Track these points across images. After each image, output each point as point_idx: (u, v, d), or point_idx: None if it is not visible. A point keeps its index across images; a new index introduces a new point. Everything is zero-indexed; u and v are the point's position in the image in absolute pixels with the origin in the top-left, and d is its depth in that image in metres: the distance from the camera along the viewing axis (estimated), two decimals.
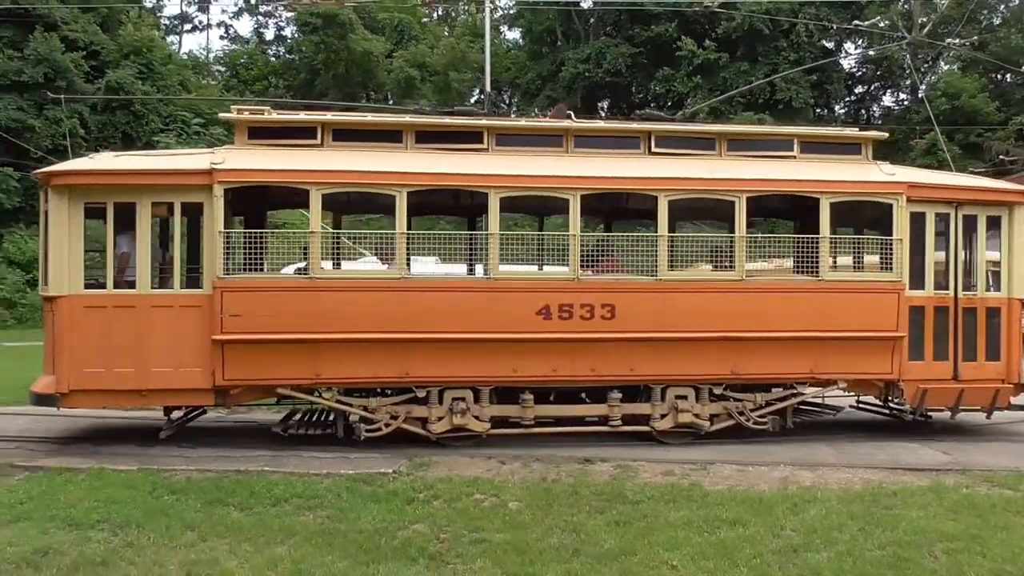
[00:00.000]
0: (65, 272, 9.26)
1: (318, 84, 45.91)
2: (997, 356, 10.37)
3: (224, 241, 9.20)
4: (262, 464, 8.49)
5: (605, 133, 10.52)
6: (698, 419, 9.85)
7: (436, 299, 9.50)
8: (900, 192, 10.08)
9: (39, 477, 8.05)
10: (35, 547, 6.00)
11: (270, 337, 9.22)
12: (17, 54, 35.59)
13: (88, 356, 9.22)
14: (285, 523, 6.62)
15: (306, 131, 9.85)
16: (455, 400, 9.60)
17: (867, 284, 10.11)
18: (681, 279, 9.83)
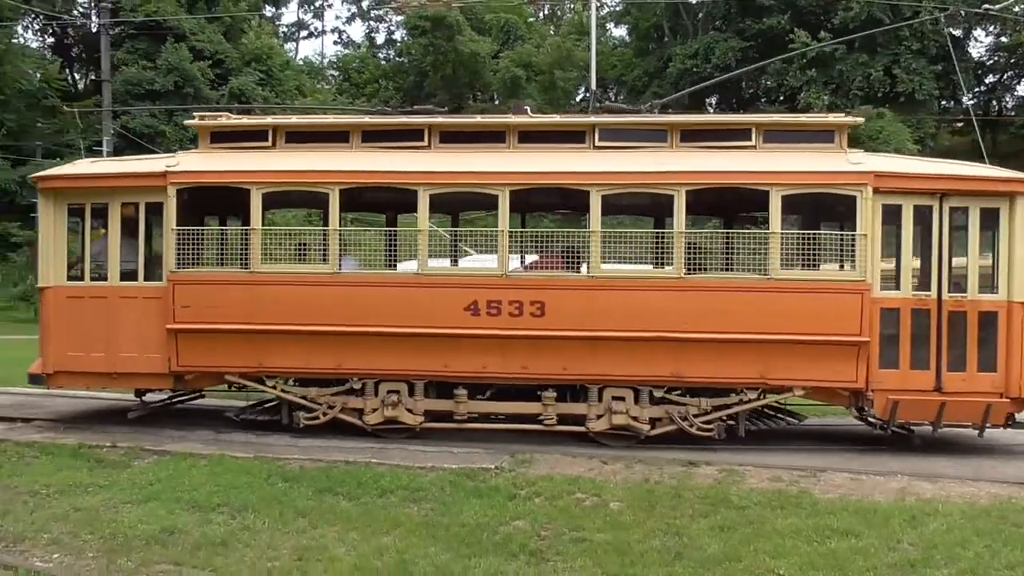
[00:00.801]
0: (51, 266, 10.25)
1: (426, 86, 46.86)
2: (993, 366, 9.07)
3: (176, 237, 9.82)
4: (369, 456, 8.75)
5: (549, 128, 10.16)
6: (636, 422, 9.41)
7: (367, 293, 9.65)
8: (864, 183, 9.13)
9: (166, 461, 8.56)
10: (163, 526, 6.40)
11: (216, 327, 9.73)
12: (150, 64, 37.91)
13: (70, 341, 10.12)
14: (391, 514, 6.80)
15: (259, 134, 10.29)
16: (389, 393, 9.70)
17: (825, 284, 9.24)
18: (614, 276, 9.48)
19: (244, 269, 9.82)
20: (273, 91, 41.61)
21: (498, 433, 9.66)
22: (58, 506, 6.96)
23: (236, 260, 9.90)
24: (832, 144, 9.61)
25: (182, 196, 9.94)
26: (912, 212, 9.27)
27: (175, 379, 10.13)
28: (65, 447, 8.99)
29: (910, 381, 9.12)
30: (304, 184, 10.01)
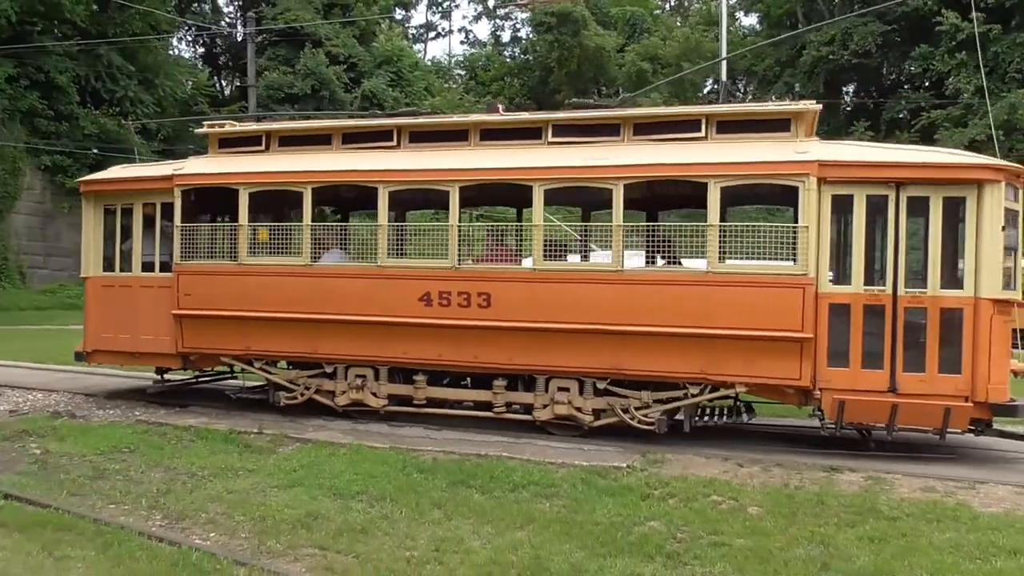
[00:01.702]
0: (91, 258, 11.83)
1: (551, 82, 46.92)
2: (957, 368, 8.33)
3: (180, 233, 10.90)
4: (500, 450, 8.81)
5: (507, 126, 10.27)
6: (579, 412, 9.47)
7: (336, 284, 10.31)
8: (806, 173, 8.63)
9: (308, 449, 8.93)
10: (307, 511, 6.66)
11: (212, 313, 10.82)
12: (289, 69, 39.77)
13: (104, 324, 11.63)
14: (523, 509, 6.81)
15: (254, 139, 11.20)
16: (357, 377, 10.33)
17: (764, 278, 8.82)
18: (556, 269, 9.54)
19: (233, 261, 10.77)
20: (403, 92, 42.78)
21: (456, 419, 10.04)
22: (212, 488, 7.37)
23: (227, 253, 10.92)
24: (787, 133, 9.19)
25: (187, 196, 11.07)
26: (865, 202, 8.71)
27: (183, 359, 11.30)
28: (218, 432, 9.54)
29: (861, 381, 8.57)
30: (282, 184, 10.72)
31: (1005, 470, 8.45)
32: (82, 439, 9.18)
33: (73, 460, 8.38)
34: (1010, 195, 8.58)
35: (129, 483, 7.56)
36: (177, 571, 5.31)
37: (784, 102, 9.82)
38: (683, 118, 9.69)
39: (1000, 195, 8.39)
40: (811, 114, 9.31)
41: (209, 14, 47.41)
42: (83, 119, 31.66)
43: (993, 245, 8.36)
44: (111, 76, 33.98)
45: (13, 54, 29.49)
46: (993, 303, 8.33)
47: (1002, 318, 8.42)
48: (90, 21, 32.12)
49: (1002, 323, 8.41)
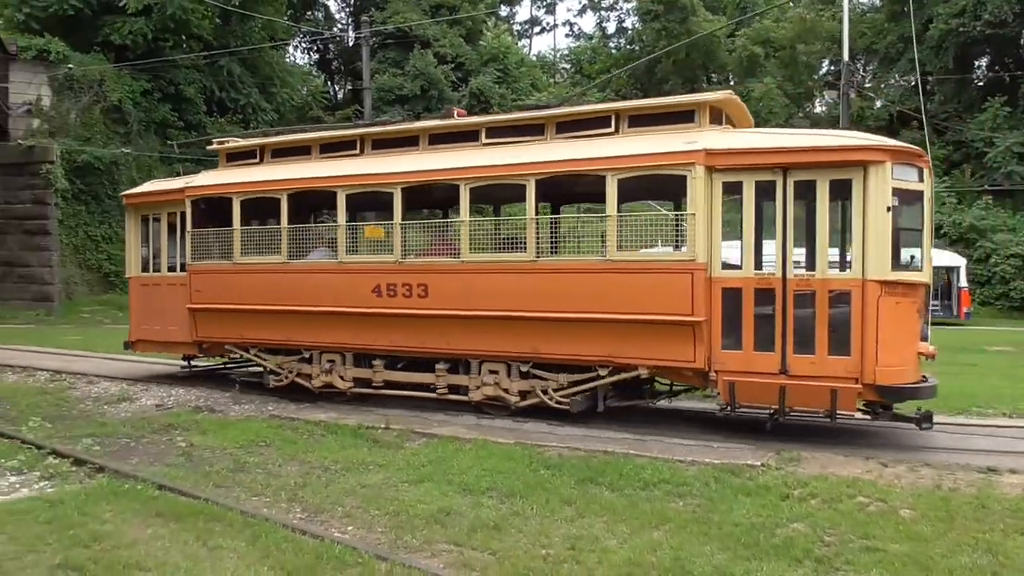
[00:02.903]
0: (132, 261, 13.95)
1: (658, 71, 46.10)
2: (846, 350, 8.35)
3: (191, 238, 12.53)
4: (627, 447, 8.65)
5: (450, 130, 11.01)
6: (506, 393, 10.23)
7: (306, 279, 11.47)
8: (692, 162, 8.91)
9: (434, 444, 9.02)
10: (439, 507, 6.70)
11: (215, 307, 12.33)
12: (399, 71, 40.65)
13: (142, 317, 13.61)
14: (657, 508, 6.64)
15: (251, 153, 12.60)
16: (328, 361, 11.52)
17: (655, 264, 9.30)
18: (480, 260, 10.16)
19: (229, 261, 12.15)
20: (509, 88, 43.00)
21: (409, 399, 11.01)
22: (346, 482, 7.54)
23: (227, 254, 12.21)
24: (692, 124, 9.48)
25: (196, 205, 12.62)
26: (753, 188, 8.85)
27: (198, 347, 12.98)
28: (347, 427, 9.79)
29: (754, 363, 8.77)
30: (265, 192, 11.93)
31: None
32: (222, 433, 9.60)
33: (216, 453, 8.77)
34: (909, 175, 8.60)
35: (268, 476, 7.83)
36: (322, 564, 5.43)
37: (690, 95, 10.18)
38: (597, 115, 10.11)
39: (886, 176, 8.36)
40: (717, 103, 9.62)
41: (322, 21, 49.01)
42: (209, 127, 33.32)
43: (879, 226, 8.34)
44: (233, 86, 35.69)
45: (147, 69, 31.38)
46: (881, 284, 8.32)
47: (893, 300, 8.38)
48: (214, 34, 33.78)
49: (893, 304, 8.37)
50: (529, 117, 10.60)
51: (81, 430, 9.81)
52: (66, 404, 11.79)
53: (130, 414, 11.02)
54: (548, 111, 10.57)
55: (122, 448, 9.12)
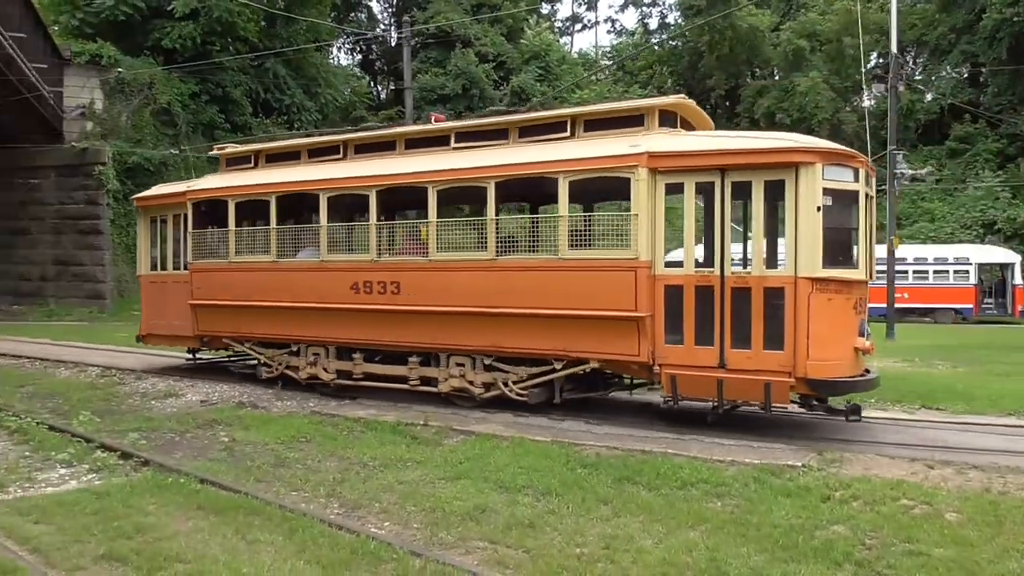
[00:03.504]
0: (143, 260, 14.82)
1: (701, 67, 45.61)
2: (780, 344, 8.61)
3: (192, 238, 13.33)
4: (664, 446, 8.56)
5: (424, 135, 11.57)
6: (471, 385, 10.67)
7: (292, 276, 12.10)
8: (635, 164, 9.27)
9: (472, 441, 9.03)
10: (475, 504, 6.70)
11: (214, 303, 13.02)
12: (441, 71, 40.85)
13: (152, 312, 14.50)
14: (694, 508, 6.56)
15: (247, 158, 13.37)
16: (313, 354, 12.12)
17: (602, 262, 9.57)
18: (446, 259, 10.64)
19: (224, 260, 12.85)
20: (551, 86, 42.90)
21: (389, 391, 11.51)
22: (384, 478, 7.59)
23: (223, 254, 12.94)
24: (640, 128, 9.84)
25: (197, 208, 13.40)
26: (694, 189, 9.17)
27: (200, 341, 13.79)
28: (386, 424, 9.86)
29: (695, 357, 9.08)
30: (256, 195, 12.60)
31: None
32: (264, 428, 9.75)
33: (257, 448, 8.91)
34: (844, 175, 8.83)
35: (308, 472, 7.92)
36: (357, 559, 5.47)
37: (641, 100, 10.83)
38: (554, 120, 10.53)
39: (816, 176, 8.58)
40: (666, 107, 9.99)
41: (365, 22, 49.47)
42: (255, 128, 33.87)
43: (810, 225, 8.56)
44: (278, 87, 36.22)
45: (195, 72, 32.01)
46: (812, 281, 8.54)
47: (825, 296, 8.60)
48: (260, 37, 34.32)
49: (825, 301, 8.61)
50: (494, 123, 11.05)
51: (128, 424, 10.05)
52: (115, 399, 12.10)
53: (176, 409, 11.25)
54: (510, 117, 11.11)
55: (167, 442, 9.31)
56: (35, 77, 24.77)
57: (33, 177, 29.84)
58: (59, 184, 29.62)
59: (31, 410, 11.03)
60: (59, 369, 15.26)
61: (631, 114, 10.08)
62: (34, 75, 24.64)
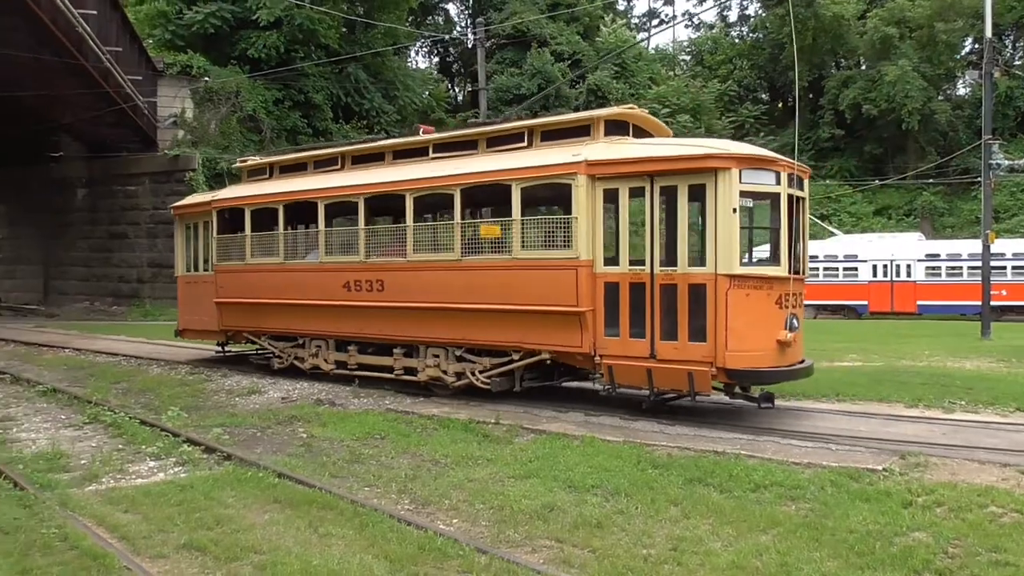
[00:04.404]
0: (180, 262, 16.63)
1: (783, 59, 44.40)
2: (703, 336, 9.29)
3: (216, 242, 14.94)
4: (739, 447, 8.40)
5: (407, 147, 12.71)
6: (445, 375, 11.66)
7: (296, 276, 13.44)
8: (575, 172, 10.08)
9: (542, 440, 9.04)
10: (543, 502, 6.71)
11: (235, 300, 14.54)
12: (517, 71, 40.98)
13: (187, 309, 16.17)
14: (766, 511, 6.40)
15: (264, 170, 14.90)
16: (315, 347, 13.45)
17: (549, 261, 10.32)
18: (421, 260, 11.67)
19: (242, 262, 14.31)
20: (627, 83, 42.52)
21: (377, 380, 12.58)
22: (454, 476, 7.67)
23: (241, 256, 14.36)
24: (587, 137, 10.66)
25: (221, 215, 14.98)
26: (628, 194, 9.88)
27: (224, 335, 15.32)
28: (458, 422, 9.96)
29: (630, 349, 9.81)
30: (267, 204, 14.02)
31: None
32: (341, 425, 9.99)
33: (333, 444, 9.13)
34: (764, 179, 9.47)
35: (381, 468, 8.08)
36: (424, 554, 5.55)
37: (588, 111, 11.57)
38: (515, 131, 11.38)
39: (733, 180, 9.17)
40: (626, 116, 10.92)
41: (442, 25, 50.07)
42: (336, 133, 34.69)
43: (727, 226, 9.15)
44: (358, 91, 36.98)
45: (279, 79, 33.02)
46: (729, 278, 9.17)
47: (743, 292, 9.22)
48: (340, 43, 35.14)
49: (743, 296, 9.22)
50: (465, 134, 12.09)
51: (213, 420, 10.45)
52: (201, 395, 12.60)
53: (258, 406, 11.64)
54: (479, 129, 12.11)
55: (249, 438, 9.65)
56: (131, 88, 26.01)
57: (130, 184, 31.35)
58: (153, 190, 31.01)
59: (125, 405, 11.60)
60: (152, 367, 15.98)
61: (579, 124, 10.91)
62: (130, 87, 25.88)
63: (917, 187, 39.78)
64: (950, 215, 39.03)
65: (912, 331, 22.28)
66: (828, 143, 42.72)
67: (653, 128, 11.49)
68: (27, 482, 7.45)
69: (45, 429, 10.27)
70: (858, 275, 30.52)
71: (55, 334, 23.34)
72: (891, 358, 15.76)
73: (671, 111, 41.12)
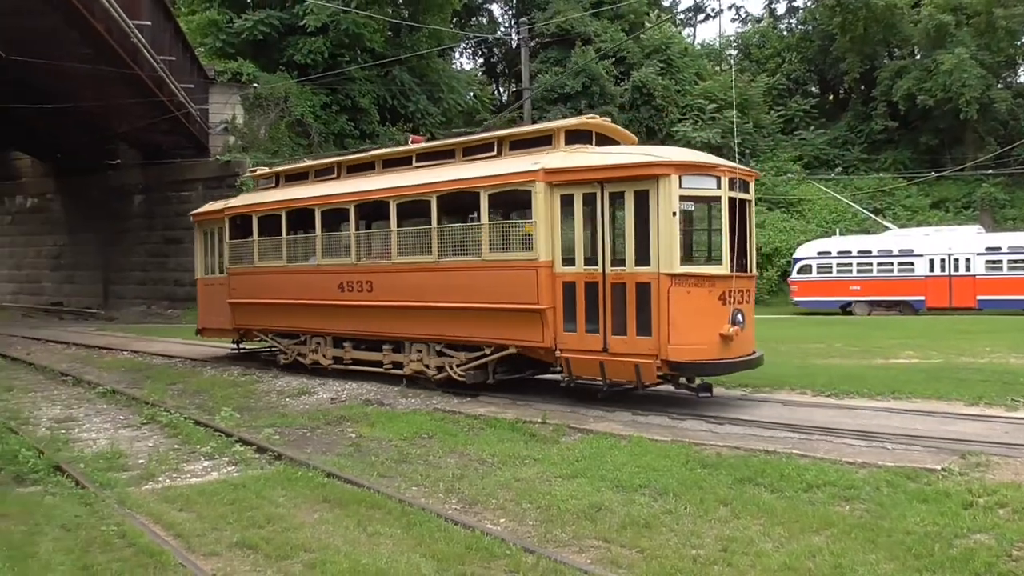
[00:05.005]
0: (199, 266, 17.83)
1: (834, 51, 43.46)
2: (648, 331, 10.05)
3: (229, 247, 16.24)
4: (790, 446, 8.25)
5: (395, 156, 13.86)
6: (427, 368, 12.56)
7: (296, 278, 14.64)
8: (533, 179, 10.92)
9: (589, 439, 9.00)
10: (590, 502, 6.68)
11: (246, 301, 15.77)
12: (561, 70, 40.87)
13: (205, 309, 17.51)
14: (819, 512, 6.27)
15: (271, 179, 16.37)
16: (315, 343, 14.51)
17: (513, 262, 11.15)
18: (404, 262, 12.58)
19: (251, 265, 15.52)
20: (672, 79, 42.07)
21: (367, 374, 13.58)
22: (501, 475, 7.67)
23: (250, 260, 15.58)
24: (549, 146, 11.58)
25: (233, 221, 16.21)
26: (582, 199, 10.72)
27: (237, 333, 16.59)
28: (505, 421, 9.97)
29: (585, 343, 10.61)
30: (272, 211, 15.14)
31: None
32: (389, 425, 10.07)
33: (382, 444, 9.21)
34: (705, 184, 10.30)
35: (429, 467, 8.12)
36: (471, 554, 5.56)
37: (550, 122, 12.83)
38: (486, 141, 12.44)
39: (672, 186, 9.96)
40: (571, 128, 11.69)
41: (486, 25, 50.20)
42: (382, 136, 35.03)
43: (668, 228, 9.94)
44: (404, 94, 37.30)
45: (326, 84, 33.48)
46: (671, 277, 9.93)
47: (683, 289, 9.95)
48: (385, 46, 35.49)
49: (684, 293, 9.95)
50: (444, 144, 13.31)
51: (265, 421, 10.63)
52: (253, 396, 12.84)
53: (308, 406, 11.81)
54: (456, 140, 13.21)
55: (299, 438, 9.79)
56: (184, 96, 26.63)
57: (183, 189, 32.07)
58: (206, 195, 31.61)
59: (181, 406, 11.87)
60: (206, 368, 16.33)
61: (542, 135, 11.91)
62: (183, 94, 26.49)
63: (976, 178, 38.54)
64: (1012, 206, 37.69)
65: (972, 327, 21.61)
66: (881, 135, 41.63)
67: (619, 136, 12.47)
68: (88, 480, 7.67)
69: (105, 429, 10.57)
70: (914, 270, 29.69)
71: (114, 337, 24.02)
72: (950, 354, 15.31)
73: (718, 107, 40.57)
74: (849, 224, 36.47)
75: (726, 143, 40.11)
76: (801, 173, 40.55)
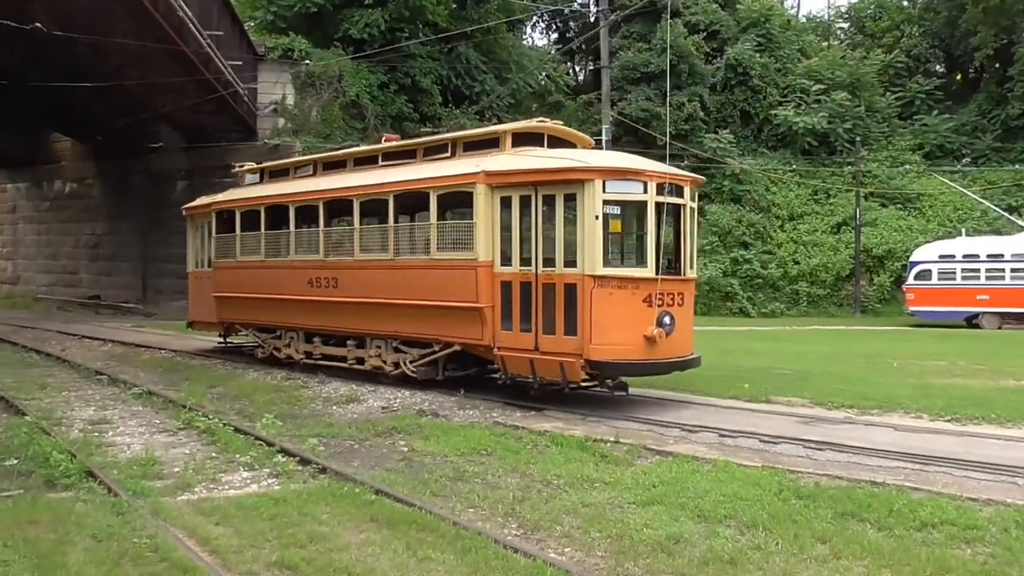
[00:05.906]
0: (191, 258, 19.97)
1: (962, 23, 42.00)
2: (575, 331, 11.17)
3: (215, 241, 18.22)
4: (902, 477, 8.04)
5: (364, 155, 15.74)
6: (384, 364, 14.14)
7: (271, 273, 16.44)
8: (475, 182, 12.32)
9: (668, 462, 8.92)
10: (668, 533, 6.60)
11: (229, 295, 17.65)
12: (645, 46, 40.57)
13: (196, 303, 19.56)
14: (935, 554, 6.07)
15: (256, 173, 18.27)
16: (289, 338, 16.41)
17: (456, 262, 12.56)
18: (364, 259, 14.19)
19: (234, 259, 17.44)
20: (772, 56, 41.33)
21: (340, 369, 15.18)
22: (568, 499, 7.66)
23: (233, 254, 17.48)
24: (497, 149, 13.06)
25: (220, 216, 18.14)
26: (519, 201, 11.99)
27: (222, 326, 18.60)
28: (573, 439, 9.95)
29: (520, 341, 11.87)
30: (253, 206, 17.02)
31: None
32: (444, 439, 10.16)
33: (436, 460, 9.30)
34: (632, 188, 11.46)
35: (487, 487, 8.15)
36: None
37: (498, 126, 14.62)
38: (441, 143, 14.18)
39: (596, 191, 11.20)
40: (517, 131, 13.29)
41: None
42: (444, 119, 35.33)
43: (591, 231, 11.16)
44: (469, 73, 37.55)
45: (384, 61, 33.93)
46: (594, 278, 11.13)
47: (606, 291, 11.15)
48: (450, 20, 35.76)
49: (607, 295, 11.14)
50: (406, 144, 15.10)
51: (309, 430, 10.84)
52: (297, 403, 13.11)
53: (356, 416, 12.01)
54: (418, 140, 15.15)
55: (345, 450, 9.96)
56: (231, 75, 27.39)
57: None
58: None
59: (220, 411, 12.21)
60: (248, 372, 16.77)
61: (490, 137, 13.47)
62: (230, 72, 27.25)
63: None
64: None
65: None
66: (1018, 121, 40.03)
67: (574, 139, 14.01)
68: (121, 488, 7.94)
69: (140, 433, 10.95)
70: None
71: (152, 334, 24.89)
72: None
73: (825, 88, 39.68)
74: (977, 223, 35.22)
75: (833, 129, 39.22)
76: (921, 164, 39.29)
